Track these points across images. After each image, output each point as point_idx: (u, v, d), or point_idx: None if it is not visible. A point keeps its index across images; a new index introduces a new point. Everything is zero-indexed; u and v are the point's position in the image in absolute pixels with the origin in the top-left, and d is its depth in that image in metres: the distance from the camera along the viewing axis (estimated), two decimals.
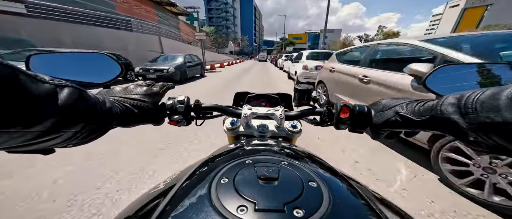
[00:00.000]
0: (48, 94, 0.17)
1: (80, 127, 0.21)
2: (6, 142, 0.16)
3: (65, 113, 0.18)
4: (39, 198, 1.02)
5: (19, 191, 1.07)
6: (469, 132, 0.20)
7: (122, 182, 1.18)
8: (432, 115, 0.24)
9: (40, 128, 0.17)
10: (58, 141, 0.20)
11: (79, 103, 0.20)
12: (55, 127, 0.18)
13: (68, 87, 0.19)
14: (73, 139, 0.21)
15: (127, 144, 1.67)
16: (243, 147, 0.36)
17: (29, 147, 0.18)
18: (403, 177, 1.29)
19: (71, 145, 0.23)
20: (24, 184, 1.13)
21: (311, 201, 0.20)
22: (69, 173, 1.25)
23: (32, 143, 0.18)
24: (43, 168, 1.29)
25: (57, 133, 0.19)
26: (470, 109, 0.19)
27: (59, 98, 0.18)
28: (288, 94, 0.63)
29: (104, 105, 0.24)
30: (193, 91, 4.42)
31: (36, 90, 0.16)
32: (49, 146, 0.20)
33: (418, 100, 0.27)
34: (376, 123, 0.31)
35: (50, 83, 0.18)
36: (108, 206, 0.98)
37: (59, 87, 0.18)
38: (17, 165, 1.30)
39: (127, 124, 0.30)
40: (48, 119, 0.17)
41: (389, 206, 0.28)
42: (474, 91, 0.20)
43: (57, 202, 1.00)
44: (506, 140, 0.18)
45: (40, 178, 1.19)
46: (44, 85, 0.17)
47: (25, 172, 1.24)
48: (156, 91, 0.35)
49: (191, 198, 0.21)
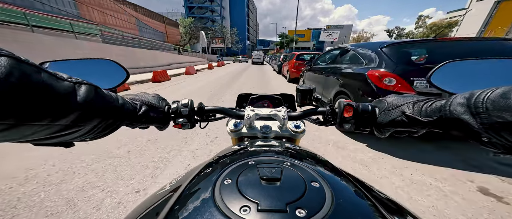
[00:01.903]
0: (69, 91, 0.23)
1: (97, 121, 0.28)
2: (34, 134, 0.21)
3: (85, 108, 0.24)
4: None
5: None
6: (481, 132, 0.24)
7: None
8: (441, 116, 0.28)
9: (64, 121, 0.23)
10: (78, 135, 0.27)
11: (97, 100, 0.27)
12: (77, 121, 0.24)
13: (85, 84, 0.26)
14: (91, 133, 0.29)
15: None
16: (247, 148, 0.44)
17: (53, 140, 0.25)
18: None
19: (89, 139, 0.30)
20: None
21: (314, 201, 0.24)
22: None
23: (56, 136, 0.24)
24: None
25: (78, 126, 0.25)
26: (481, 109, 0.23)
27: (78, 95, 0.24)
28: (290, 95, 0.76)
29: (117, 102, 0.32)
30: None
31: (58, 87, 0.22)
32: (70, 139, 0.27)
33: (425, 99, 0.33)
34: (381, 122, 0.38)
35: (69, 81, 0.24)
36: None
37: (77, 85, 0.24)
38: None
39: (135, 123, 0.38)
40: (71, 113, 0.23)
41: (395, 205, 0.33)
42: (483, 90, 0.24)
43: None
44: None
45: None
46: (64, 82, 0.23)
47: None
48: (164, 98, 0.46)
49: (196, 199, 0.26)
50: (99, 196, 1.37)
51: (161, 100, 0.45)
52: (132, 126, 0.38)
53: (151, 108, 0.40)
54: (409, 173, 1.72)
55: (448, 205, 1.36)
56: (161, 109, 0.43)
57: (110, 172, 1.65)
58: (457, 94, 0.28)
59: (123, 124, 0.35)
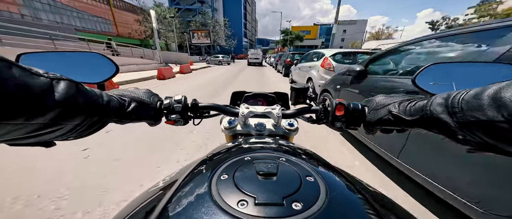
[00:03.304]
0: (45, 88, 0.24)
1: (80, 119, 0.30)
2: (9, 134, 0.23)
3: (65, 106, 0.26)
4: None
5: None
6: (457, 131, 0.30)
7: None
8: (422, 115, 0.35)
9: (41, 120, 0.24)
10: (59, 134, 0.29)
11: (78, 97, 0.29)
12: (56, 119, 0.26)
13: (64, 80, 0.27)
14: (73, 132, 0.31)
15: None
16: (241, 145, 0.52)
17: (31, 139, 0.27)
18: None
19: (72, 138, 0.33)
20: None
21: (309, 194, 0.29)
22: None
23: (33, 135, 0.26)
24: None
25: (58, 125, 0.27)
26: (457, 109, 0.29)
27: (56, 92, 0.26)
28: (284, 93, 0.87)
29: (102, 98, 0.35)
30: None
31: (32, 83, 0.23)
32: (50, 138, 0.29)
33: (410, 99, 0.41)
34: (370, 120, 0.47)
35: (45, 76, 0.25)
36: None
37: (55, 81, 0.26)
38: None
39: (124, 120, 0.43)
40: (49, 112, 0.25)
41: (382, 199, 0.41)
42: (459, 91, 0.30)
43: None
44: (492, 138, 0.26)
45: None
46: (39, 78, 0.24)
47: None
48: (156, 93, 0.51)
49: (192, 195, 0.30)
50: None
51: (153, 96, 0.51)
52: (121, 123, 0.43)
53: (141, 105, 0.46)
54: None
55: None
56: (153, 105, 0.49)
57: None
58: (437, 94, 0.34)
59: (111, 120, 0.39)
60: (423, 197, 1.71)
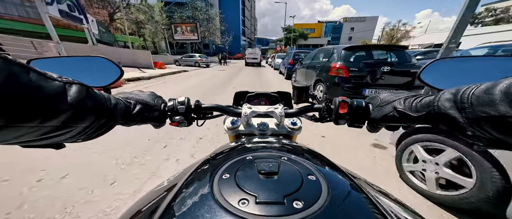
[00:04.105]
0: (59, 91, 0.28)
1: (89, 122, 0.34)
2: (23, 136, 0.26)
3: (76, 109, 0.30)
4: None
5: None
6: (466, 126, 0.32)
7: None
8: (429, 111, 0.38)
9: (55, 122, 0.28)
10: (69, 136, 0.33)
11: (88, 100, 0.33)
12: (68, 121, 0.29)
13: (76, 84, 0.31)
14: (82, 134, 0.35)
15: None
16: (244, 144, 0.57)
17: (43, 141, 0.30)
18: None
19: (81, 140, 0.38)
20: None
21: (310, 193, 0.31)
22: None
23: (46, 137, 0.29)
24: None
25: (69, 127, 0.31)
26: (466, 104, 0.31)
27: (69, 95, 0.29)
28: (287, 93, 0.95)
29: (109, 101, 0.40)
30: None
31: (48, 87, 0.26)
32: (60, 140, 0.33)
33: (415, 95, 0.43)
34: (374, 117, 0.51)
35: (59, 80, 0.29)
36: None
37: (68, 85, 0.30)
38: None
39: (130, 122, 0.48)
40: (61, 114, 0.28)
41: (387, 197, 0.44)
42: (469, 86, 0.32)
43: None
44: (503, 133, 0.28)
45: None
46: (54, 82, 0.27)
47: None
48: (160, 96, 0.56)
49: (195, 194, 0.33)
50: None
51: (157, 98, 0.57)
52: (127, 125, 0.49)
53: (146, 107, 0.51)
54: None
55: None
56: (157, 107, 0.55)
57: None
58: (445, 90, 0.37)
59: (117, 123, 0.44)
60: None
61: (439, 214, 1.74)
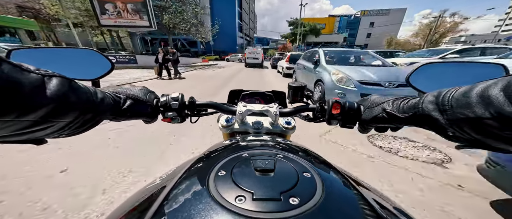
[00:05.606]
0: (36, 84, 0.30)
1: (73, 117, 0.37)
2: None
3: (57, 103, 0.32)
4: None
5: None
6: (447, 127, 0.38)
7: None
8: (415, 112, 0.45)
9: (32, 117, 0.30)
10: (50, 131, 0.36)
11: (70, 94, 0.35)
12: (48, 116, 0.32)
13: (56, 77, 0.33)
14: (66, 129, 0.38)
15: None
16: (239, 142, 0.66)
17: (21, 137, 0.33)
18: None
19: (64, 135, 0.41)
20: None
21: (306, 190, 0.37)
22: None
23: (24, 133, 0.32)
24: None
25: (50, 122, 0.33)
26: (447, 106, 0.37)
27: (48, 88, 0.31)
28: (282, 92, 1.08)
29: (96, 96, 0.43)
30: None
31: (22, 80, 0.28)
32: (41, 136, 0.36)
33: (403, 98, 0.52)
34: (365, 118, 0.60)
35: (36, 73, 0.31)
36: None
37: (47, 77, 0.32)
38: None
39: (119, 117, 0.54)
40: (40, 109, 0.30)
41: (379, 196, 0.50)
42: (449, 89, 0.39)
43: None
44: (479, 134, 0.34)
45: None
46: (30, 75, 0.30)
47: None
48: (152, 91, 0.65)
49: (190, 191, 0.37)
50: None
51: (149, 94, 0.64)
52: (116, 120, 0.54)
53: (137, 102, 0.57)
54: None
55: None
56: (149, 103, 0.61)
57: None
58: (428, 93, 0.44)
59: (105, 118, 0.48)
60: None
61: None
